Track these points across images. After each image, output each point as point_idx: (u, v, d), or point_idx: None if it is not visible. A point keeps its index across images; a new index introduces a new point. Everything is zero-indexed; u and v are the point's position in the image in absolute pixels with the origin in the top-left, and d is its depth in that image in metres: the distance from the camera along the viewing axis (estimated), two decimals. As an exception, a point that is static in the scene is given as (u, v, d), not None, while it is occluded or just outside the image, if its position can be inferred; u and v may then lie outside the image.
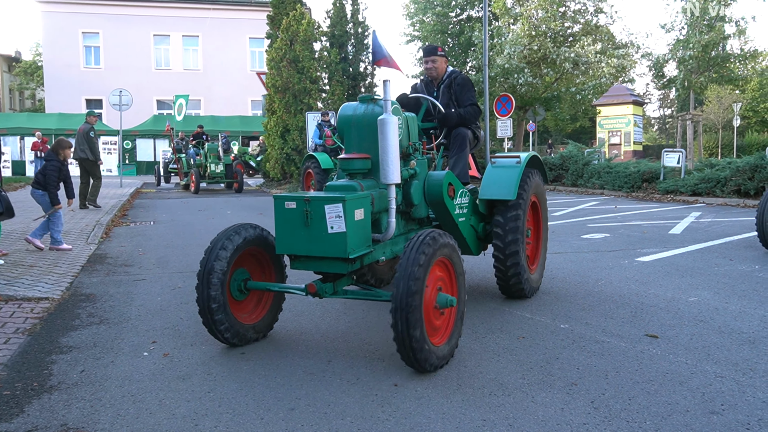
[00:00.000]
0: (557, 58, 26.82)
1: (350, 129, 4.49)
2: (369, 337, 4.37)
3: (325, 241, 3.82)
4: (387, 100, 4.05)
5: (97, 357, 4.04)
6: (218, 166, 20.54)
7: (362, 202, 3.95)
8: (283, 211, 3.93)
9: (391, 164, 4.06)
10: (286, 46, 21.12)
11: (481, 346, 4.14)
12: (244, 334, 4.21)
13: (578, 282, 6.07)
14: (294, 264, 4.05)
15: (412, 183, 4.58)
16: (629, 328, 4.48)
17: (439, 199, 4.69)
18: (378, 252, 4.26)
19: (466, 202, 5.04)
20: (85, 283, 6.41)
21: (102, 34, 36.94)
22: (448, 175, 4.75)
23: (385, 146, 4.06)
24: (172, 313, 5.15)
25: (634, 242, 8.52)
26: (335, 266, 3.92)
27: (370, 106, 4.45)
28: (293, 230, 3.91)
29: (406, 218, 4.75)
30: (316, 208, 3.81)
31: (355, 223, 3.84)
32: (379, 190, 4.22)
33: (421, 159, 4.74)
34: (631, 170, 17.29)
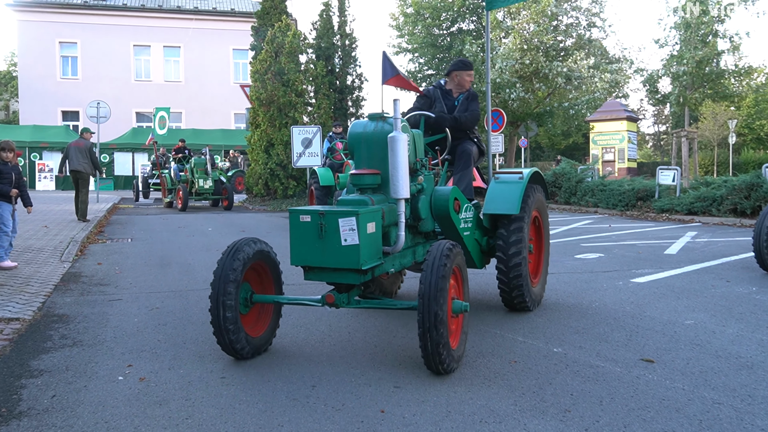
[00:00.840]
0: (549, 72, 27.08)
1: (360, 145, 4.81)
2: (355, 361, 4.35)
3: (339, 253, 4.13)
4: (397, 118, 4.41)
5: (69, 381, 3.99)
6: (207, 182, 20.18)
7: (374, 216, 4.27)
8: (298, 225, 4.23)
9: (401, 180, 4.42)
10: (271, 58, 21.20)
11: (471, 370, 4.13)
12: (252, 347, 4.44)
13: (572, 304, 6.08)
14: (308, 275, 4.35)
15: (420, 198, 4.92)
16: (624, 352, 4.48)
17: (445, 214, 5.00)
18: (388, 264, 4.57)
19: (471, 217, 5.37)
20: (58, 303, 6.34)
21: (80, 44, 36.92)
22: (454, 190, 5.07)
23: (395, 162, 4.41)
24: (150, 335, 5.10)
25: (629, 263, 8.56)
26: (348, 277, 4.23)
27: (380, 124, 4.78)
28: (308, 243, 4.21)
29: (413, 232, 5.05)
30: (331, 221, 4.12)
31: (367, 236, 4.16)
32: (388, 205, 4.55)
33: (427, 174, 5.09)
34: (626, 188, 17.42)
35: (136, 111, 37.46)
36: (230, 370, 4.18)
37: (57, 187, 30.39)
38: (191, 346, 4.79)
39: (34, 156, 30.54)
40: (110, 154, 31.98)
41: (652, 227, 13.48)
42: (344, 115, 23.49)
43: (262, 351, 4.58)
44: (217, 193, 20.46)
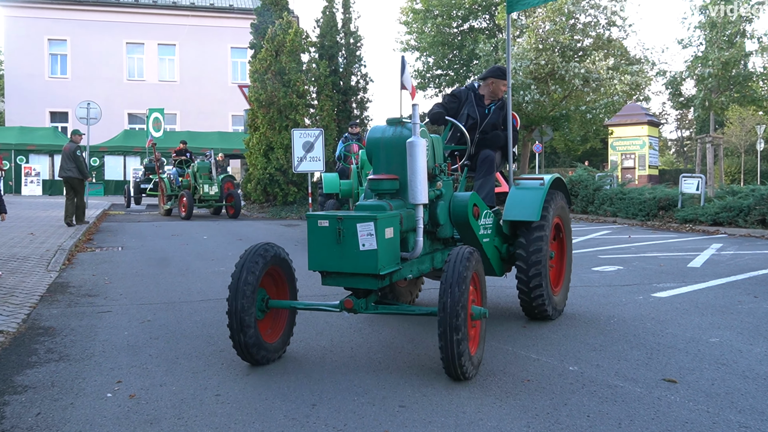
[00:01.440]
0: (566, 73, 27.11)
1: (379, 150, 5.03)
2: (358, 378, 4.35)
3: (357, 258, 4.33)
4: (416, 123, 4.63)
5: (55, 398, 4.00)
6: (212, 188, 19.58)
7: (392, 221, 4.48)
8: (316, 229, 4.46)
9: (419, 185, 4.61)
10: (271, 56, 21.28)
11: (481, 389, 4.12)
12: (267, 352, 4.65)
13: (588, 319, 6.07)
14: (325, 280, 4.57)
15: (438, 203, 5.13)
16: (644, 372, 4.47)
17: (464, 220, 5.22)
18: (405, 270, 4.77)
19: (490, 223, 5.59)
20: (44, 314, 6.35)
21: (70, 42, 37.15)
22: (473, 196, 5.28)
23: (414, 168, 4.60)
24: (141, 350, 5.11)
25: (650, 276, 8.54)
26: (366, 282, 4.43)
27: (398, 129, 4.99)
28: (326, 247, 4.43)
29: (432, 238, 5.23)
30: (349, 226, 4.33)
31: (385, 241, 4.37)
32: (407, 210, 4.77)
33: (446, 180, 5.30)
34: (646, 197, 17.40)
35: (128, 112, 37.64)
36: (225, 387, 4.18)
37: (44, 192, 30.53)
38: (184, 361, 4.79)
39: (21, 159, 30.67)
40: (100, 157, 32.11)
41: (674, 239, 13.45)
42: (348, 118, 23.53)
43: (277, 357, 4.79)
44: (222, 200, 19.91)
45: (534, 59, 26.91)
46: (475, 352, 4.41)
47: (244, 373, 4.49)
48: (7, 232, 12.74)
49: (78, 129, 16.52)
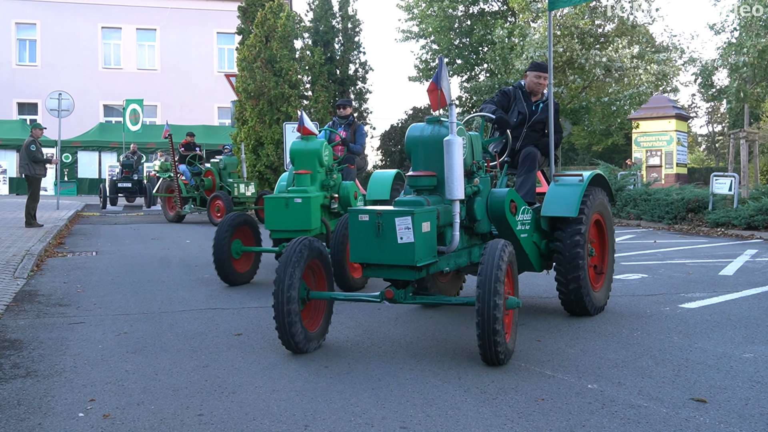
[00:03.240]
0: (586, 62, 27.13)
1: (417, 148, 5.76)
2: (355, 396, 4.35)
3: (395, 251, 5.02)
4: (452, 122, 5.29)
5: (21, 418, 4.00)
6: (249, 188, 18.14)
7: (429, 216, 5.18)
8: (357, 224, 5.17)
9: (456, 181, 5.26)
10: (260, 43, 21.31)
11: (491, 410, 4.12)
12: (309, 341, 5.41)
13: (609, 332, 6.07)
14: (366, 271, 5.35)
15: (476, 199, 5.80)
16: (671, 390, 4.47)
17: (501, 216, 5.87)
18: (443, 263, 5.46)
19: (529, 219, 6.23)
20: (9, 326, 6.36)
21: (39, 26, 37.20)
22: (510, 192, 5.93)
23: (451, 165, 5.25)
24: (116, 365, 5.12)
25: (677, 285, 8.55)
26: (404, 274, 5.14)
27: (437, 127, 5.71)
28: (366, 241, 5.13)
29: (470, 233, 5.94)
30: (388, 220, 5.02)
31: (422, 235, 5.05)
32: (444, 206, 5.46)
33: (484, 177, 5.94)
34: (674, 198, 17.40)
35: (103, 104, 37.69)
36: (209, 406, 4.19)
37: (11, 190, 30.56)
38: (164, 377, 4.80)
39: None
40: (73, 153, 32.15)
41: (704, 244, 13.44)
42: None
43: (318, 345, 5.57)
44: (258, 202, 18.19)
45: (551, 46, 26.97)
46: (509, 340, 5.08)
47: (229, 390, 4.49)
48: (-30, 235, 12.75)
49: (39, 123, 16.53)
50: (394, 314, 6.88)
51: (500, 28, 28.52)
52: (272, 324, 6.36)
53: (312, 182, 8.59)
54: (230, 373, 4.90)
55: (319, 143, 8.69)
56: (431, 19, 36.54)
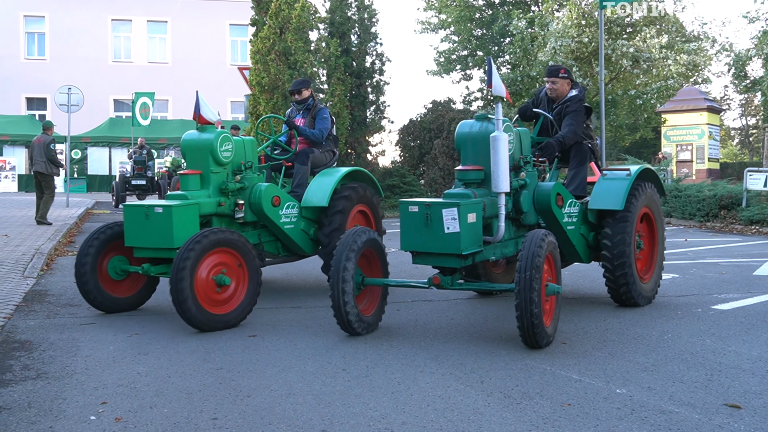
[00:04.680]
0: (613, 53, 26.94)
1: (466, 144, 6.31)
2: (374, 400, 4.36)
3: (442, 240, 5.59)
4: (498, 119, 5.83)
5: (32, 421, 4.04)
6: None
7: (475, 208, 5.73)
8: (407, 214, 5.78)
9: (501, 175, 5.78)
10: (274, 35, 21.34)
11: (515, 415, 4.11)
12: (365, 325, 5.99)
13: (638, 335, 6.04)
14: (415, 259, 5.94)
15: (522, 192, 6.32)
16: (704, 395, 4.44)
17: (547, 208, 6.42)
18: (488, 252, 6.04)
19: (576, 212, 6.74)
20: (19, 327, 6.42)
21: (48, 19, 37.49)
22: (557, 185, 6.47)
23: (496, 159, 5.78)
24: (128, 367, 5.15)
25: (710, 285, 8.49)
26: (450, 261, 5.71)
27: (485, 124, 6.22)
28: (415, 230, 5.73)
29: (517, 225, 6.49)
30: (435, 211, 5.60)
31: (468, 225, 5.60)
32: (490, 198, 5.99)
33: (531, 171, 6.44)
34: (706, 194, 17.27)
35: (114, 98, 37.95)
36: (223, 410, 4.21)
37: (20, 188, 30.82)
38: (177, 380, 4.83)
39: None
40: (83, 149, 32.35)
41: (738, 242, 13.33)
42: (363, 104, 23.56)
43: (373, 329, 6.15)
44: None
45: (576, 37, 26.78)
46: (549, 324, 5.56)
47: (244, 393, 4.51)
48: (-22, 233, 12.89)
49: (50, 120, 16.79)
50: (413, 316, 6.88)
51: (518, 18, 28.34)
52: (287, 325, 6.44)
53: (203, 185, 7.15)
54: (245, 375, 4.92)
55: (214, 135, 7.18)
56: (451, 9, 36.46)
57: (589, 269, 9.30)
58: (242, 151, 7.46)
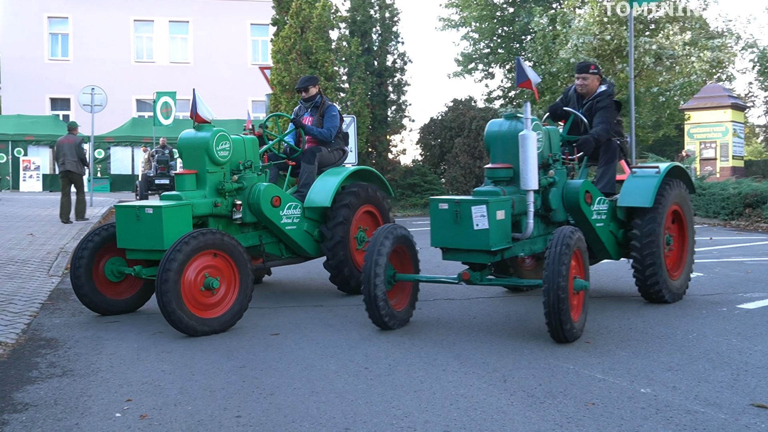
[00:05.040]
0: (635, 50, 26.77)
1: (496, 142, 6.44)
2: (397, 399, 4.36)
3: (472, 236, 5.75)
4: (527, 118, 5.95)
5: (58, 418, 4.08)
6: None
7: (503, 205, 5.88)
8: (437, 212, 5.94)
9: (529, 173, 5.92)
10: (295, 34, 21.39)
11: (538, 414, 4.10)
12: (397, 319, 6.18)
13: (663, 334, 6.00)
14: (445, 255, 6.08)
15: (551, 190, 6.45)
16: (729, 395, 4.41)
17: (575, 205, 6.54)
18: (517, 248, 6.18)
19: (605, 209, 6.86)
20: (45, 324, 6.48)
21: (71, 20, 37.78)
22: (585, 183, 6.59)
23: (525, 158, 5.92)
24: (152, 364, 5.19)
25: (735, 284, 8.42)
26: (480, 257, 5.88)
27: (513, 123, 6.34)
28: (445, 227, 5.88)
29: (546, 222, 6.61)
30: (465, 209, 5.75)
31: (496, 222, 5.74)
32: (519, 196, 6.13)
33: (560, 169, 6.56)
34: (730, 192, 17.11)
35: (136, 98, 38.16)
36: (247, 408, 4.23)
37: (45, 187, 31.08)
38: (201, 377, 4.86)
39: (18, 151, 31.28)
40: (105, 149, 32.56)
41: (763, 241, 13.20)
42: (384, 102, 23.56)
43: (405, 323, 6.33)
44: None
45: (598, 34, 26.63)
46: (578, 320, 5.69)
47: (267, 391, 4.53)
48: (5, 233, 13.04)
49: (75, 121, 17.31)
50: (436, 315, 6.88)
51: (539, 16, 28.20)
52: (310, 324, 6.45)
53: (199, 185, 6.96)
54: (267, 373, 4.94)
55: (210, 134, 6.96)
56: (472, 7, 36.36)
57: (612, 268, 9.24)
58: (241, 151, 7.27)
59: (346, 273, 7.61)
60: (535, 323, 6.45)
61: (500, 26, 37.18)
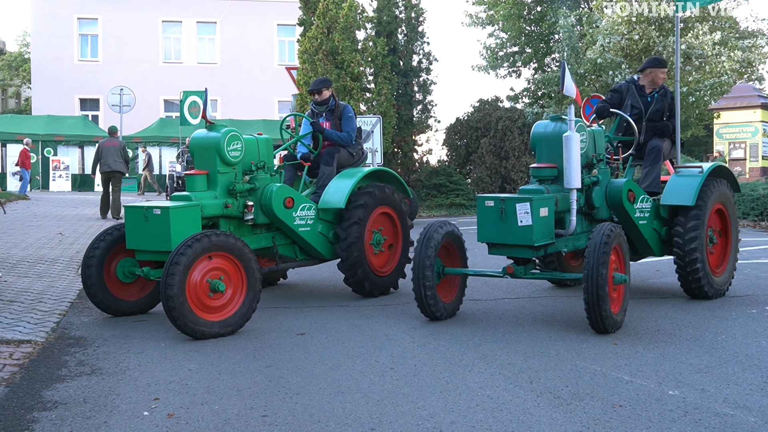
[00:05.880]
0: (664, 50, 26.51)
1: (541, 143, 6.79)
2: (422, 399, 4.35)
3: (516, 232, 6.11)
4: (571, 120, 6.27)
5: (87, 416, 4.12)
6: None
7: (547, 203, 6.22)
8: (484, 208, 6.31)
9: (572, 172, 6.23)
10: (322, 35, 21.45)
11: (565, 416, 4.07)
12: (446, 311, 6.59)
13: (691, 336, 5.94)
14: (491, 250, 6.47)
15: (594, 188, 6.74)
16: (759, 398, 4.35)
17: (618, 203, 6.85)
18: (560, 244, 6.53)
19: (648, 207, 7.17)
20: (74, 323, 6.56)
21: (101, 21, 38.18)
22: (628, 182, 6.92)
23: (569, 157, 6.24)
24: (179, 363, 5.23)
25: (765, 286, 8.33)
26: (524, 252, 6.24)
27: (558, 124, 6.69)
28: (491, 223, 6.25)
29: (590, 219, 6.93)
30: (510, 206, 6.10)
31: (540, 219, 6.09)
32: (563, 194, 6.46)
33: (604, 168, 6.90)
34: (760, 193, 16.90)
35: (164, 99, 38.48)
36: (273, 407, 4.25)
37: (74, 187, 31.43)
38: (227, 377, 4.88)
39: (48, 151, 31.62)
40: (133, 149, 32.82)
41: (794, 242, 13.02)
42: (409, 102, 23.54)
43: (453, 314, 6.73)
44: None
45: (626, 34, 26.41)
46: (617, 312, 6.02)
47: (293, 391, 4.55)
48: (35, 231, 13.20)
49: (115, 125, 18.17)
50: (461, 314, 6.86)
51: (563, 17, 28.02)
52: (335, 324, 6.47)
53: (210, 185, 6.92)
54: (294, 373, 4.96)
55: (221, 134, 6.90)
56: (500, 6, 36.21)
57: (638, 269, 9.17)
58: (254, 151, 7.20)
59: (361, 275, 7.50)
60: (561, 324, 6.41)
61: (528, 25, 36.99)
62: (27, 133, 30.05)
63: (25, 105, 51.94)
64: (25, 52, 52.90)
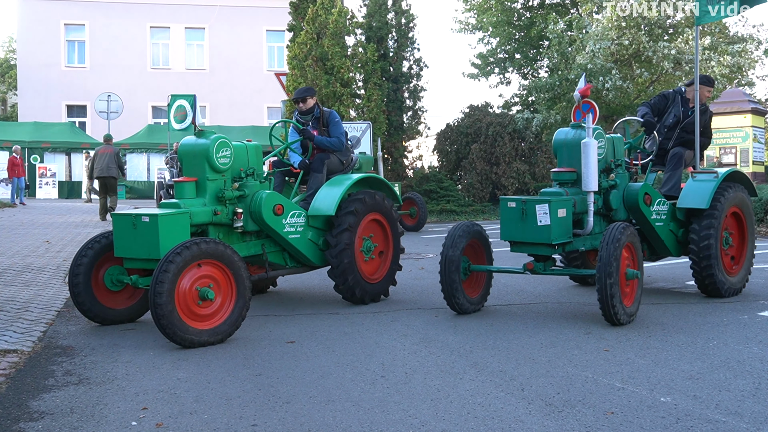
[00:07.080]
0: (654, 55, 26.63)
1: (562, 149, 7.37)
2: (413, 408, 4.35)
3: (535, 231, 6.66)
4: (589, 127, 6.86)
5: (74, 426, 4.10)
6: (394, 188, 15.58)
7: (565, 204, 6.78)
8: (506, 209, 6.86)
9: (590, 176, 6.78)
10: (312, 40, 21.46)
11: (556, 423, 4.08)
12: (471, 305, 7.16)
13: (683, 342, 5.96)
14: (513, 248, 7.05)
15: (612, 192, 7.28)
16: (751, 404, 4.37)
17: (635, 206, 7.36)
18: (578, 243, 7.06)
19: (665, 210, 7.64)
20: (61, 332, 6.52)
21: (88, 27, 38.09)
22: (645, 186, 7.47)
23: (587, 162, 6.78)
24: (168, 373, 5.21)
25: (756, 291, 8.36)
26: (542, 250, 6.83)
27: (578, 131, 7.25)
28: (513, 223, 6.81)
29: (608, 220, 7.43)
30: (530, 207, 6.66)
31: (558, 219, 6.64)
32: (581, 196, 7.00)
33: (622, 173, 7.49)
34: (753, 198, 16.96)
35: (152, 105, 38.38)
36: (263, 417, 4.23)
37: (60, 195, 31.31)
38: (216, 386, 4.87)
39: (34, 158, 31.46)
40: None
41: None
42: (399, 109, 23.58)
43: (479, 309, 7.32)
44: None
45: (616, 39, 26.53)
46: (630, 305, 6.52)
47: (283, 400, 4.54)
48: (21, 239, 13.14)
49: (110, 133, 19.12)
50: (453, 322, 6.87)
51: (553, 23, 28.13)
52: (325, 332, 6.46)
53: (199, 192, 6.85)
54: (283, 382, 4.95)
55: (210, 141, 6.83)
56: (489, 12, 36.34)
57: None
58: (243, 158, 7.19)
59: (351, 282, 7.47)
60: (552, 331, 6.43)
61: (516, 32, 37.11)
62: (13, 140, 29.93)
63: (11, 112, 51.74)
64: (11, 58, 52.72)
